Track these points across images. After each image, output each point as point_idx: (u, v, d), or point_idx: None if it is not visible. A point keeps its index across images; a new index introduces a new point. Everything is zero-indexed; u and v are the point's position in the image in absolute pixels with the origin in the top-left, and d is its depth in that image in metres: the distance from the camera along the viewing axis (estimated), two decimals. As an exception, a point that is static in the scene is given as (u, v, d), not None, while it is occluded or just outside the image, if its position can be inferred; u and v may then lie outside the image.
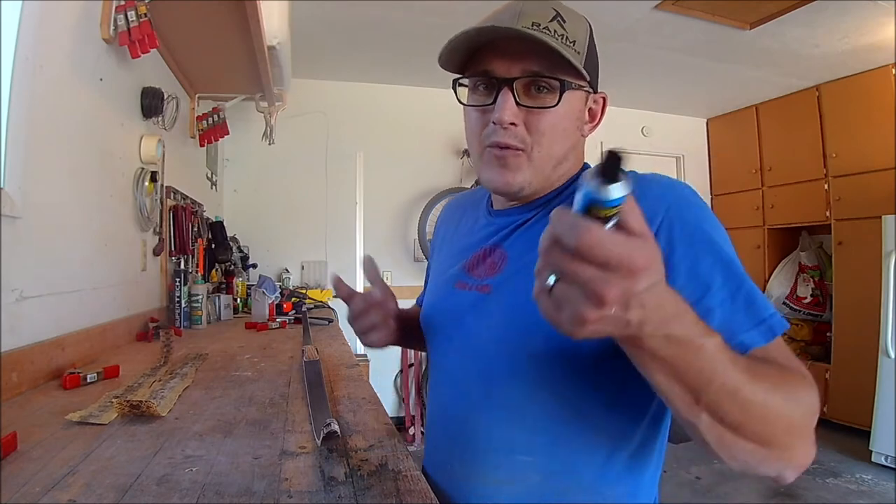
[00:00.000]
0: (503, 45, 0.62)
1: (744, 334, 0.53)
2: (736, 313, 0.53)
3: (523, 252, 0.67)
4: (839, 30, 2.85)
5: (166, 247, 2.05)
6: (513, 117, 0.61)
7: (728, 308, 0.53)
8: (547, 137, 0.63)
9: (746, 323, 0.53)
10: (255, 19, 1.78)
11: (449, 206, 0.91)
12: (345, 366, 1.32)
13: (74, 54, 1.29)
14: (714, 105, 4.35)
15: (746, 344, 0.52)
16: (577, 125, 0.66)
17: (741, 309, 0.54)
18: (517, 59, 0.61)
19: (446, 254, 0.82)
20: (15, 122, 1.02)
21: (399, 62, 3.47)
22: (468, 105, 0.67)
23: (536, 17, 0.60)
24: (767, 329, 0.53)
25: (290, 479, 0.62)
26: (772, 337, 0.53)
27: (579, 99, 0.66)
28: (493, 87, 0.63)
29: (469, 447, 0.67)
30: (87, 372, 1.09)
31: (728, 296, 0.54)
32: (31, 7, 1.06)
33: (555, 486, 0.63)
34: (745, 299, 0.54)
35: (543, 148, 0.63)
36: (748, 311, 0.54)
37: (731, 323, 0.53)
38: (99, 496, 0.57)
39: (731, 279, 0.55)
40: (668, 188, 0.59)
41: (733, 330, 0.52)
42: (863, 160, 3.44)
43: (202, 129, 2.62)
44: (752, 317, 0.53)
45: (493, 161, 0.65)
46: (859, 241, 3.39)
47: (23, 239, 1.04)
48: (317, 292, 3.36)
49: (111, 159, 1.54)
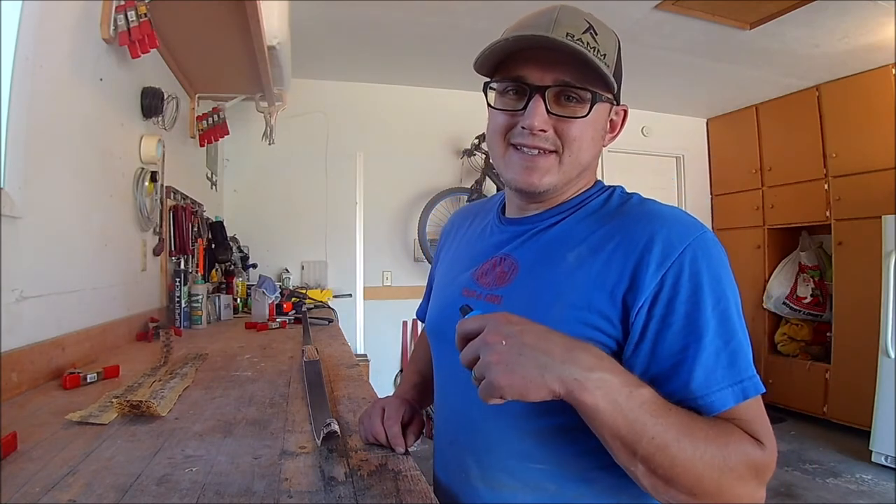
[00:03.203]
0: (537, 53, 0.63)
1: (717, 392, 0.54)
2: (717, 369, 0.55)
3: (534, 262, 0.67)
4: (839, 30, 2.85)
5: (166, 247, 2.05)
6: (543, 124, 0.63)
7: (711, 362, 0.55)
8: (577, 144, 0.64)
9: (724, 381, 0.54)
10: (255, 19, 1.78)
11: (457, 214, 0.91)
12: (345, 366, 1.32)
13: (74, 54, 1.29)
14: (714, 105, 4.34)
15: (716, 404, 0.54)
16: (601, 135, 0.68)
17: (723, 365, 0.55)
18: (550, 68, 0.62)
19: (453, 260, 0.81)
20: (15, 122, 1.02)
21: (399, 62, 3.47)
22: (497, 108, 0.67)
23: (571, 27, 0.61)
24: (740, 391, 0.54)
25: (290, 479, 0.62)
26: (742, 399, 0.54)
27: (605, 110, 0.67)
28: (524, 94, 0.64)
29: (484, 454, 0.67)
30: (87, 372, 1.09)
31: (714, 350, 0.55)
32: (31, 7, 1.06)
33: (570, 494, 0.63)
34: (730, 357, 0.55)
35: (573, 154, 0.65)
36: (729, 369, 0.55)
37: (710, 377, 0.54)
38: (99, 496, 0.57)
39: (722, 333, 0.55)
40: (692, 228, 0.59)
41: (710, 384, 0.54)
42: (863, 160, 3.43)
43: (202, 129, 2.62)
44: (730, 376, 0.55)
45: (521, 161, 0.65)
46: (859, 241, 3.39)
47: (23, 239, 1.04)
48: (317, 292, 3.36)
49: (111, 159, 1.54)
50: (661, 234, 0.58)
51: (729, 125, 4.47)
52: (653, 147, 4.48)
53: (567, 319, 0.59)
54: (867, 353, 3.12)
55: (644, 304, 0.57)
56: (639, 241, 0.59)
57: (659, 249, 0.57)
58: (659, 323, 0.56)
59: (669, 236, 0.58)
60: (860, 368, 3.25)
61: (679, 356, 0.55)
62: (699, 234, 0.59)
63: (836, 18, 2.71)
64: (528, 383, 0.49)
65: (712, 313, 0.55)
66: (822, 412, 3.62)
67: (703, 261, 0.57)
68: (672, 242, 0.57)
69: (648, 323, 0.57)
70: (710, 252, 0.58)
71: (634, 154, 4.45)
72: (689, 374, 0.54)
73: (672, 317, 0.56)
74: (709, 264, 0.57)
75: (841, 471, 2.93)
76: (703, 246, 0.58)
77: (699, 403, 0.54)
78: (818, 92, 3.69)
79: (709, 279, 0.56)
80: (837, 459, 3.09)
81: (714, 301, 0.56)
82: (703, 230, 0.60)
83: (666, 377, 0.56)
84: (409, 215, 3.87)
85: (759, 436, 0.54)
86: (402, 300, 3.78)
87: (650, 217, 0.61)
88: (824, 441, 3.37)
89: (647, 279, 0.57)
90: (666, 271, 0.56)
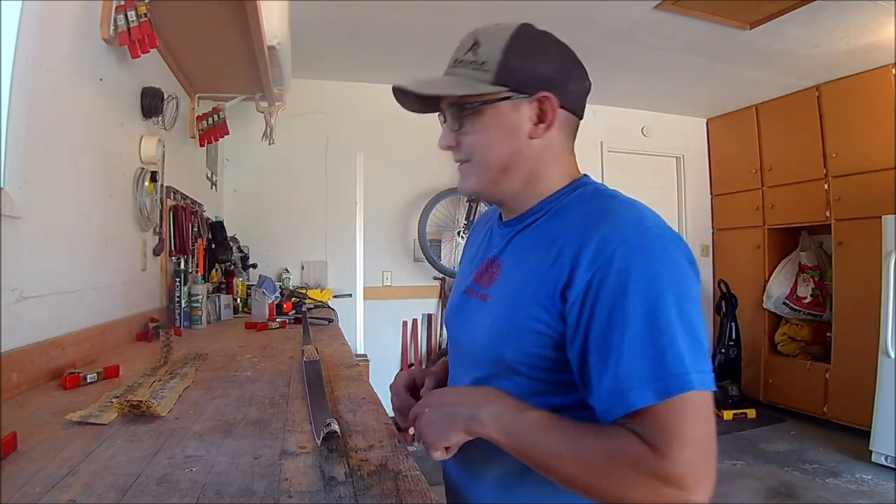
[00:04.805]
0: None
1: (636, 389, 0.54)
2: (641, 365, 0.54)
3: (513, 262, 0.71)
4: (839, 30, 2.85)
5: (166, 247, 2.05)
6: (446, 143, 0.73)
7: (635, 358, 0.55)
8: (478, 150, 0.71)
9: (645, 377, 0.54)
10: (255, 19, 1.78)
11: (477, 221, 0.96)
12: (345, 366, 1.32)
13: (74, 54, 1.29)
14: (714, 105, 4.34)
15: (632, 400, 0.54)
16: (510, 132, 0.69)
17: (648, 362, 0.54)
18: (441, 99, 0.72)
19: (465, 264, 0.87)
20: (15, 122, 1.02)
21: (399, 62, 3.47)
22: None
23: (459, 52, 0.71)
24: (663, 388, 0.53)
25: (290, 479, 0.62)
26: (665, 397, 0.53)
27: (508, 109, 0.68)
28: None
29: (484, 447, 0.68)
30: (87, 372, 1.09)
31: (639, 346, 0.55)
32: (31, 7, 1.06)
33: None
34: (657, 353, 0.54)
35: (479, 158, 0.71)
36: (653, 366, 0.54)
37: (631, 372, 0.54)
38: (99, 496, 0.57)
39: (651, 329, 0.55)
40: (633, 224, 0.60)
41: (630, 379, 0.54)
42: (863, 160, 3.43)
43: (202, 129, 2.62)
44: (653, 372, 0.54)
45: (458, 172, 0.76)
46: (859, 241, 3.39)
47: (23, 239, 1.04)
48: (317, 292, 3.36)
49: (111, 159, 1.54)
50: (600, 231, 0.60)
51: (729, 125, 4.47)
52: (653, 147, 4.48)
53: (526, 316, 0.63)
54: (867, 353, 3.12)
55: (577, 299, 0.59)
56: (579, 239, 0.61)
57: (594, 247, 0.59)
58: (588, 318, 0.58)
59: (606, 233, 0.60)
60: (860, 368, 3.25)
61: (604, 351, 0.56)
62: (640, 230, 0.60)
63: (836, 18, 2.71)
64: (445, 433, 0.62)
65: (640, 309, 0.55)
66: (822, 412, 3.62)
67: (636, 256, 0.57)
68: (606, 239, 0.59)
69: (580, 318, 0.59)
70: (648, 248, 0.58)
71: (634, 154, 4.45)
72: (614, 369, 0.55)
73: (598, 312, 0.57)
74: (644, 260, 0.57)
75: (841, 471, 2.93)
76: (641, 242, 0.58)
77: (619, 399, 0.55)
78: (818, 92, 3.69)
79: (641, 275, 0.56)
80: (837, 459, 3.09)
81: (644, 297, 0.56)
82: (644, 226, 0.60)
83: (596, 371, 0.57)
84: (409, 215, 3.87)
85: (670, 438, 0.52)
86: (402, 300, 3.79)
87: (597, 214, 0.63)
88: (824, 441, 3.37)
89: (581, 275, 0.59)
90: (598, 267, 0.58)
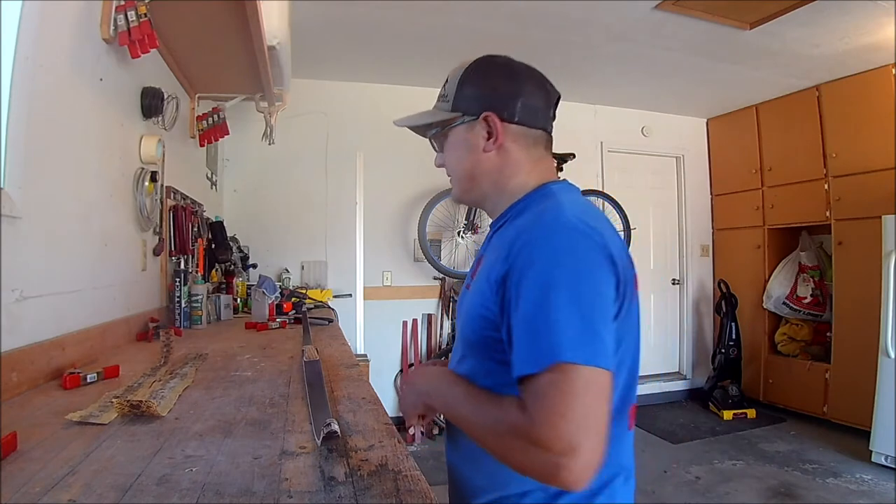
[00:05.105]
0: None
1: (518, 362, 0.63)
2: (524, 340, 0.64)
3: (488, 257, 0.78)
4: (839, 30, 2.85)
5: (166, 247, 2.05)
6: (438, 161, 0.89)
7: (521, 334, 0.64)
8: (450, 164, 0.87)
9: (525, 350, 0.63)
10: (255, 19, 1.78)
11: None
12: (345, 366, 1.32)
13: (74, 54, 1.29)
14: (714, 105, 4.34)
15: (516, 370, 0.63)
16: (469, 149, 0.82)
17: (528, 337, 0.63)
18: None
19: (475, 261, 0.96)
20: (15, 122, 1.02)
21: (399, 62, 3.47)
22: None
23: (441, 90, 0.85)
24: (535, 359, 0.61)
25: (290, 479, 0.62)
26: (537, 367, 0.61)
27: (463, 130, 0.82)
28: None
29: None
30: (87, 372, 1.09)
31: (525, 323, 0.64)
32: (31, 7, 1.06)
33: None
34: (537, 328, 0.62)
35: (452, 171, 0.87)
36: (532, 340, 0.63)
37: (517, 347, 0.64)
38: (99, 496, 0.57)
39: (537, 308, 0.63)
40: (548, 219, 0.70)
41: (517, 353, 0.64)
42: (863, 160, 3.43)
43: (202, 129, 2.62)
44: (531, 345, 0.62)
45: None
46: (859, 241, 3.39)
47: (23, 239, 1.04)
48: (317, 292, 3.36)
49: (111, 159, 1.54)
50: (523, 227, 0.71)
51: (729, 125, 4.47)
52: (653, 147, 4.48)
53: (479, 304, 0.73)
54: (867, 353, 3.12)
55: (501, 286, 0.69)
56: (515, 235, 0.71)
57: (517, 243, 0.68)
58: (507, 301, 0.68)
59: (526, 228, 0.70)
60: (860, 368, 3.25)
61: (510, 329, 0.66)
62: (550, 224, 0.69)
63: (836, 18, 2.71)
64: (412, 407, 0.82)
65: (532, 291, 0.64)
66: (822, 412, 3.62)
67: (541, 247, 0.66)
68: (521, 234, 0.69)
69: (503, 302, 0.69)
70: (552, 239, 0.67)
71: (634, 154, 4.45)
72: (514, 345, 0.65)
73: (511, 296, 0.67)
74: (546, 251, 0.66)
75: (841, 471, 2.93)
76: (547, 234, 0.67)
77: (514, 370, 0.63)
78: (818, 92, 3.69)
79: (541, 264, 0.65)
80: (837, 459, 3.09)
81: (536, 281, 0.64)
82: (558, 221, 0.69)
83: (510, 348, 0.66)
84: (409, 215, 3.86)
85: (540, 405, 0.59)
86: (402, 300, 3.78)
87: (533, 213, 0.74)
88: (824, 441, 3.37)
89: (507, 265, 0.68)
90: (513, 258, 0.68)
